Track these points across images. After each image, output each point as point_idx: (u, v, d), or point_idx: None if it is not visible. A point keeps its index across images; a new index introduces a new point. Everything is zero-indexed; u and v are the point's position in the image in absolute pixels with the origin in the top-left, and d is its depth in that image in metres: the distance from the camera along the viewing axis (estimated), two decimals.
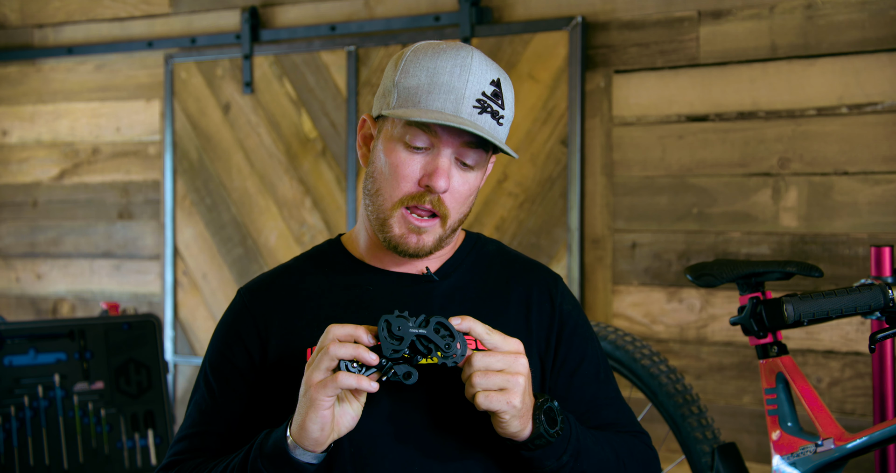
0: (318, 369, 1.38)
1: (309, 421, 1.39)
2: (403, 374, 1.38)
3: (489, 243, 1.70)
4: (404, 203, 1.52)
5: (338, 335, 1.39)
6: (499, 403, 1.39)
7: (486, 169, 1.59)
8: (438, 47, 1.54)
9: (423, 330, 1.38)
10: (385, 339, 1.37)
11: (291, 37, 3.56)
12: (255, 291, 1.64)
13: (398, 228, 1.53)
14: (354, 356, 1.36)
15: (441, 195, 1.51)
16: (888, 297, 1.89)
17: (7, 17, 4.18)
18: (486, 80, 1.52)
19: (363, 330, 1.39)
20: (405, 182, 1.52)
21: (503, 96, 1.54)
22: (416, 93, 1.50)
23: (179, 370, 3.80)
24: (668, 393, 2.31)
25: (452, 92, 1.50)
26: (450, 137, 1.50)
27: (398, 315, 1.38)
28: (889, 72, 2.66)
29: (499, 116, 1.52)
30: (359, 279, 1.61)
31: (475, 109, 1.50)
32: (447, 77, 1.50)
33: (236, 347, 1.59)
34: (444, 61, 1.51)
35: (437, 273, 1.61)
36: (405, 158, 1.52)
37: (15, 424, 2.71)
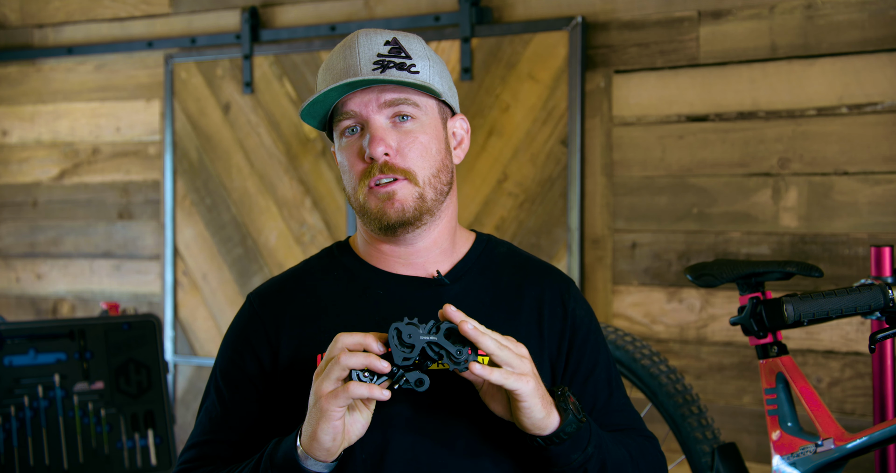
0: (329, 379, 1.36)
1: (320, 432, 1.37)
2: (415, 381, 1.37)
3: (500, 245, 1.69)
4: (364, 183, 1.53)
5: (347, 343, 1.37)
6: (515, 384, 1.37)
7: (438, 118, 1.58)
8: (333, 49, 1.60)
9: (434, 337, 1.37)
10: (396, 347, 1.36)
11: (291, 37, 3.56)
12: (264, 296, 1.63)
13: (372, 203, 1.54)
14: (366, 365, 1.35)
15: (389, 160, 1.52)
16: (888, 297, 1.89)
17: (7, 17, 4.18)
18: (378, 43, 1.54)
19: (373, 338, 1.37)
20: (354, 165, 1.54)
21: (406, 49, 1.55)
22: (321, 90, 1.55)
23: (179, 370, 3.80)
24: (668, 393, 2.31)
25: (349, 69, 1.53)
26: (364, 106, 1.52)
27: (408, 323, 1.37)
28: (889, 72, 2.66)
29: (407, 66, 1.54)
30: (369, 283, 1.60)
31: (375, 69, 1.52)
32: (341, 62, 1.54)
33: (246, 353, 1.59)
34: (335, 54, 1.57)
35: (447, 276, 1.60)
36: (347, 146, 1.55)
37: (15, 424, 2.71)
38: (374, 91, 1.52)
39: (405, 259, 1.60)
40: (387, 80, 1.50)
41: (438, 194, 1.56)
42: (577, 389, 1.60)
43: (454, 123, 1.63)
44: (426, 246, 1.60)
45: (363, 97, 1.52)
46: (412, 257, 1.60)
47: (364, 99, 1.52)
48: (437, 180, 1.55)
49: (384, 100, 1.53)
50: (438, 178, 1.56)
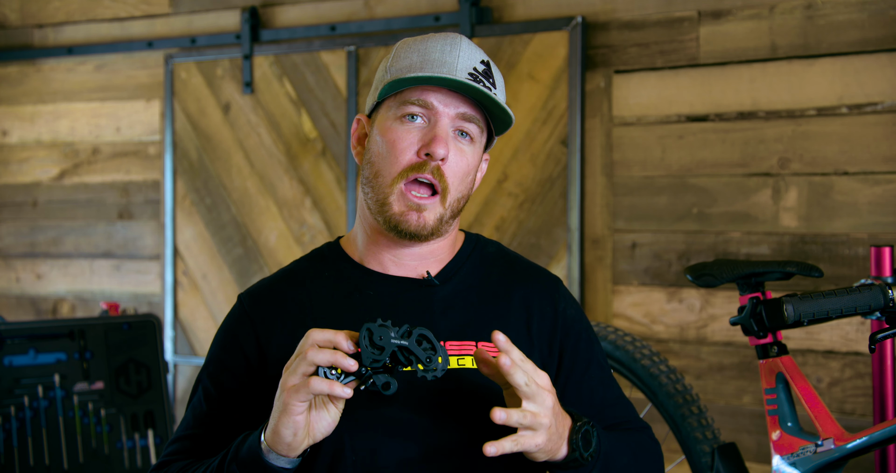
0: (295, 373, 1.36)
1: (281, 426, 1.37)
2: (382, 384, 1.35)
3: (489, 245, 1.70)
4: (404, 176, 1.51)
5: (317, 340, 1.36)
6: (527, 445, 1.37)
7: (482, 150, 1.59)
8: (426, 35, 1.58)
9: (405, 341, 1.35)
10: (366, 348, 1.34)
11: (291, 37, 3.56)
12: (255, 296, 1.63)
13: (397, 205, 1.52)
14: (332, 361, 1.34)
15: (441, 166, 1.51)
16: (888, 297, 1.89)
17: (7, 17, 4.18)
18: (477, 58, 1.55)
19: (343, 336, 1.36)
20: (404, 154, 1.52)
21: (494, 77, 1.56)
22: (408, 70, 1.53)
23: (179, 370, 3.80)
24: (668, 393, 2.31)
25: (445, 65, 1.52)
26: (445, 106, 1.51)
27: (381, 325, 1.35)
28: (889, 72, 2.66)
29: (493, 92, 1.54)
30: (359, 284, 1.59)
31: (469, 80, 1.51)
32: (438, 54, 1.53)
33: (234, 352, 1.59)
34: (434, 42, 1.55)
35: (437, 277, 1.60)
36: (402, 131, 1.52)
37: (15, 424, 2.71)
38: (458, 98, 1.52)
39: (399, 259, 1.60)
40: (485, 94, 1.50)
41: (452, 217, 1.57)
42: (574, 388, 1.61)
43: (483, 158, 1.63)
44: (423, 253, 1.60)
45: (447, 97, 1.52)
46: (406, 259, 1.60)
47: (447, 99, 1.52)
48: (457, 203, 1.56)
49: (462, 111, 1.52)
50: (459, 203, 1.57)
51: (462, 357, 1.54)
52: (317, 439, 1.40)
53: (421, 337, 1.37)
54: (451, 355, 1.54)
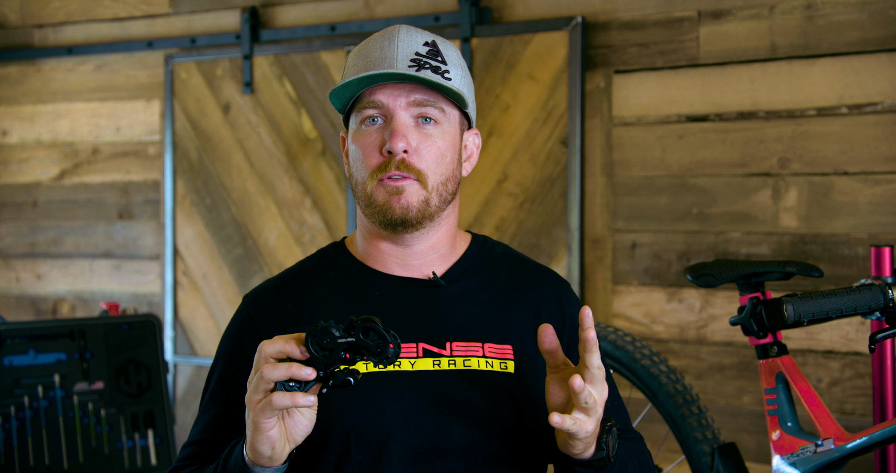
0: (257, 391, 1.34)
1: (257, 443, 1.36)
2: (343, 382, 1.34)
3: (496, 246, 1.69)
4: (375, 177, 1.53)
5: (269, 353, 1.35)
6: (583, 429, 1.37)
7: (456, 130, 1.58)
8: (370, 36, 1.60)
9: (351, 338, 1.33)
10: (315, 354, 1.32)
11: (291, 37, 3.56)
12: (259, 298, 1.63)
13: (380, 195, 1.53)
14: (288, 376, 1.32)
15: (406, 158, 1.52)
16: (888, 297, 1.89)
17: (7, 17, 4.18)
18: (418, 42, 1.55)
19: (294, 344, 1.34)
20: (369, 157, 1.54)
21: (443, 54, 1.56)
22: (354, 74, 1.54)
23: (179, 370, 3.80)
24: (668, 393, 2.31)
25: (385, 61, 1.52)
26: (394, 99, 1.52)
27: (322, 327, 1.33)
28: (889, 72, 2.66)
29: (442, 71, 1.54)
30: (364, 285, 1.59)
31: (411, 67, 1.52)
32: (378, 52, 1.54)
33: (240, 356, 1.59)
34: (372, 42, 1.56)
35: (443, 278, 1.60)
36: (365, 135, 1.55)
37: (15, 424, 2.71)
38: (406, 87, 1.53)
39: (402, 260, 1.60)
40: (423, 79, 1.50)
41: (442, 202, 1.56)
42: None
43: (468, 136, 1.63)
44: (423, 250, 1.60)
45: (394, 90, 1.53)
46: (409, 259, 1.60)
47: (394, 92, 1.52)
48: (444, 187, 1.55)
49: (413, 98, 1.53)
50: (446, 186, 1.56)
51: (468, 358, 1.54)
52: (297, 442, 1.39)
53: (367, 329, 1.34)
54: (458, 356, 1.54)
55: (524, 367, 1.56)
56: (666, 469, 2.67)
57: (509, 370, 1.55)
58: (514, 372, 1.55)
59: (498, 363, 1.55)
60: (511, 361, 1.56)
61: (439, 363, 1.53)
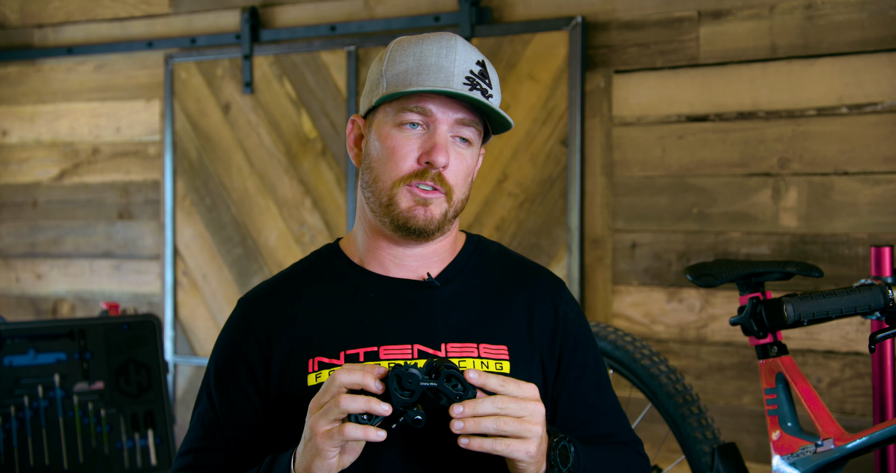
0: (326, 418, 1.35)
1: (315, 468, 1.37)
2: (413, 420, 1.36)
3: (490, 246, 1.69)
4: (406, 181, 1.52)
5: (344, 383, 1.36)
6: (517, 452, 1.37)
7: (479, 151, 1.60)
8: (421, 36, 1.57)
9: (434, 383, 1.36)
10: (395, 391, 1.35)
11: (291, 37, 3.56)
12: (254, 301, 1.62)
13: (404, 202, 1.52)
14: (365, 410, 1.34)
15: (442, 171, 1.52)
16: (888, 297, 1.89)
17: (7, 17, 4.18)
18: (472, 60, 1.55)
19: (371, 378, 1.35)
20: (404, 161, 1.52)
21: (490, 77, 1.56)
22: (405, 76, 1.53)
23: (179, 370, 3.80)
24: (668, 393, 2.31)
25: (441, 71, 1.52)
26: (443, 113, 1.52)
27: (408, 369, 1.35)
28: (889, 72, 2.66)
29: (488, 95, 1.54)
30: (359, 286, 1.59)
31: (465, 85, 1.52)
32: (434, 58, 1.52)
33: (237, 360, 1.58)
34: (429, 45, 1.54)
35: (438, 278, 1.60)
36: (401, 139, 1.53)
37: (15, 424, 2.71)
38: (456, 103, 1.53)
39: (400, 261, 1.59)
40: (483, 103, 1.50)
41: (454, 216, 1.57)
42: (568, 392, 1.60)
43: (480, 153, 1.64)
44: (425, 253, 1.60)
45: (445, 103, 1.52)
46: (408, 260, 1.59)
47: (446, 105, 1.52)
48: (461, 204, 1.57)
49: (460, 117, 1.53)
50: (463, 203, 1.58)
51: (464, 359, 1.54)
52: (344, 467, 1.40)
53: (449, 376, 1.37)
54: (453, 357, 1.54)
55: (519, 367, 1.56)
56: (666, 469, 2.67)
57: (504, 370, 1.55)
58: (510, 372, 1.55)
59: (493, 364, 1.55)
60: (506, 361, 1.56)
61: None
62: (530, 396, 1.39)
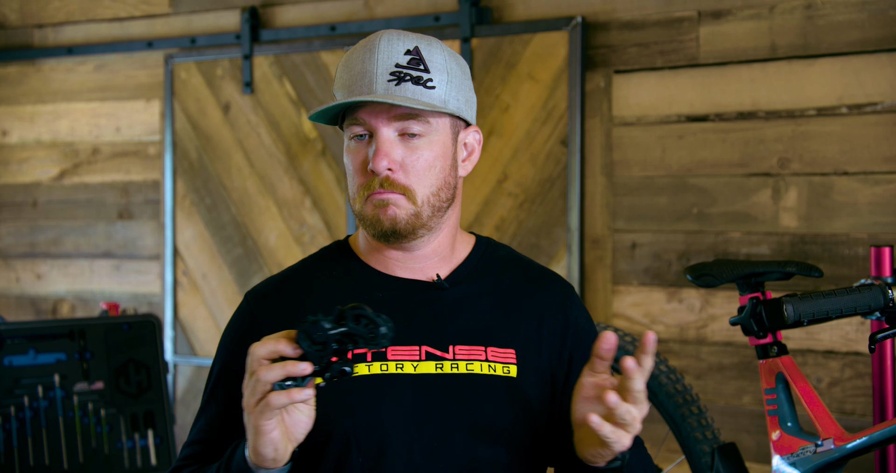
0: (254, 394, 1.33)
1: (259, 446, 1.35)
2: (339, 372, 1.33)
3: (499, 249, 1.68)
4: (363, 194, 1.53)
5: (261, 354, 1.34)
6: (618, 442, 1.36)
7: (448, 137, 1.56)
8: (356, 44, 1.57)
9: (344, 328, 1.32)
10: (308, 349, 1.32)
11: (291, 37, 3.56)
12: (261, 296, 1.62)
13: (369, 209, 1.52)
14: (284, 374, 1.32)
15: (390, 175, 1.50)
16: (888, 297, 1.89)
17: (7, 17, 4.18)
18: (399, 52, 1.52)
19: (285, 343, 1.33)
20: (358, 174, 1.54)
21: (425, 61, 1.53)
22: (341, 92, 1.54)
23: (179, 370, 3.80)
24: (668, 393, 2.31)
25: (365, 76, 1.51)
26: (375, 117, 1.51)
27: (312, 321, 1.32)
28: (889, 72, 2.66)
29: (423, 81, 1.52)
30: (367, 286, 1.59)
31: (391, 82, 1.50)
32: (360, 65, 1.52)
33: (242, 353, 1.57)
34: (356, 53, 1.54)
35: (446, 280, 1.59)
36: (353, 152, 1.54)
37: (15, 424, 2.71)
38: (386, 104, 1.51)
39: (404, 263, 1.59)
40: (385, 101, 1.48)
41: (436, 211, 1.55)
42: None
43: (466, 134, 1.61)
44: (425, 254, 1.59)
45: (374, 108, 1.51)
46: (411, 262, 1.59)
47: (375, 110, 1.51)
48: (436, 197, 1.54)
49: (394, 114, 1.51)
50: (438, 196, 1.54)
51: (471, 362, 1.54)
52: (299, 440, 1.38)
53: (357, 316, 1.33)
54: (461, 359, 1.53)
55: (527, 371, 1.56)
56: (666, 469, 2.67)
57: (512, 374, 1.54)
58: (517, 377, 1.55)
59: (500, 368, 1.54)
60: (514, 365, 1.55)
61: (442, 367, 1.53)
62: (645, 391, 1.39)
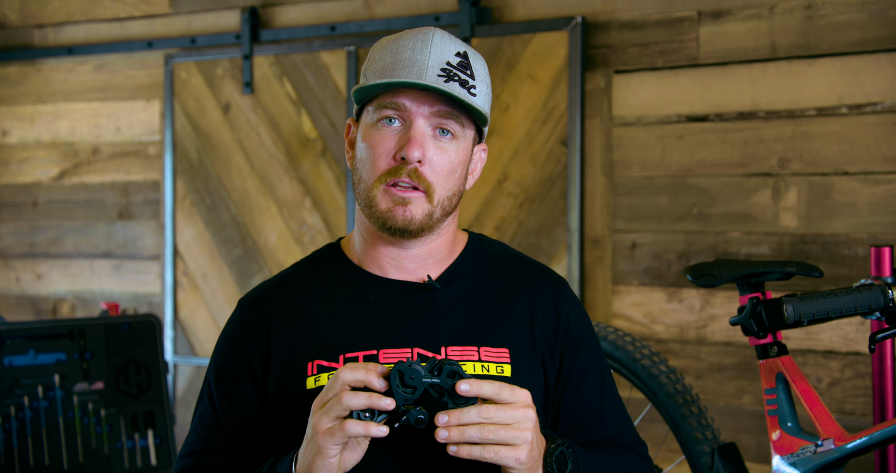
0: (328, 416, 1.35)
1: (316, 468, 1.36)
2: (416, 420, 1.35)
3: (493, 246, 1.68)
4: (383, 180, 1.50)
5: (348, 380, 1.35)
6: (507, 459, 1.35)
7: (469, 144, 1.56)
8: (401, 32, 1.56)
9: (437, 379, 1.35)
10: (397, 388, 1.34)
11: (291, 37, 3.56)
12: (254, 302, 1.62)
13: (383, 203, 1.51)
14: (368, 405, 1.33)
15: (419, 167, 1.49)
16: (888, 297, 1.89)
17: (7, 17, 4.18)
18: (451, 51, 1.52)
19: (374, 375, 1.34)
20: (381, 159, 1.51)
21: (472, 68, 1.53)
22: (381, 73, 1.52)
23: (179, 370, 3.80)
24: (668, 393, 2.31)
25: (415, 64, 1.49)
26: (418, 106, 1.49)
27: (410, 364, 1.35)
28: (889, 72, 2.66)
29: (469, 85, 1.51)
30: (359, 288, 1.58)
31: (440, 77, 1.49)
32: (409, 53, 1.50)
33: (237, 361, 1.58)
34: (405, 40, 1.52)
35: (438, 280, 1.58)
36: (379, 137, 1.51)
37: (15, 424, 2.71)
38: (431, 96, 1.50)
39: (398, 262, 1.58)
40: (451, 94, 1.47)
41: (444, 215, 1.55)
42: (570, 394, 1.59)
43: (478, 150, 1.61)
44: (421, 254, 1.59)
45: (419, 96, 1.50)
46: (406, 262, 1.58)
47: (419, 99, 1.50)
48: (448, 202, 1.54)
49: (437, 109, 1.50)
50: (451, 200, 1.55)
51: (464, 363, 1.53)
52: (346, 469, 1.39)
53: (452, 372, 1.36)
54: None
55: (521, 370, 1.55)
56: (666, 469, 2.67)
57: (506, 373, 1.54)
58: (511, 376, 1.54)
59: (494, 367, 1.54)
60: (507, 364, 1.55)
61: None
62: (521, 402, 1.37)
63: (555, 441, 1.44)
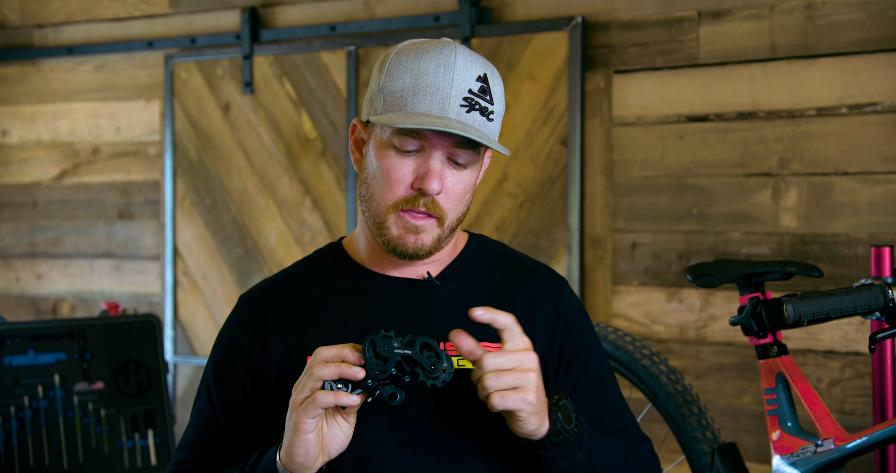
0: (303, 390, 1.37)
1: (293, 446, 1.37)
2: (389, 395, 1.36)
3: (493, 246, 1.69)
4: (399, 207, 1.50)
5: (324, 356, 1.37)
6: (514, 401, 1.37)
7: (480, 166, 1.57)
8: (422, 47, 1.51)
9: (409, 351, 1.36)
10: (370, 360, 1.35)
11: (291, 37, 3.56)
12: (255, 298, 1.63)
13: (395, 229, 1.51)
14: (337, 373, 1.34)
15: (435, 197, 1.50)
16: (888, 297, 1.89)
17: (7, 17, 4.18)
18: (473, 76, 1.50)
19: (349, 350, 1.37)
20: (398, 186, 1.50)
21: (491, 91, 1.51)
22: (401, 96, 1.49)
23: (179, 370, 3.80)
24: (668, 393, 2.31)
25: (438, 93, 1.47)
26: (439, 139, 1.48)
27: (383, 335, 1.36)
28: (889, 72, 2.66)
29: (488, 112, 1.50)
30: (359, 286, 1.59)
31: (462, 108, 1.48)
32: (431, 78, 1.48)
33: (236, 356, 1.58)
34: (427, 61, 1.49)
35: (438, 278, 1.59)
36: (396, 162, 1.50)
37: (15, 424, 2.71)
38: None
39: (398, 262, 1.59)
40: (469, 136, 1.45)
41: (451, 233, 1.56)
42: (570, 390, 1.60)
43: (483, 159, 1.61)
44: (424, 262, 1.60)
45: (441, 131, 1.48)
46: (408, 263, 1.59)
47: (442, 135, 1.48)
48: (457, 222, 1.55)
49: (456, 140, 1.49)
50: (459, 220, 1.56)
51: (462, 358, 1.54)
52: (332, 456, 1.40)
53: (424, 345, 1.37)
54: (453, 356, 1.53)
55: None
56: (666, 469, 2.67)
57: None
58: None
59: None
60: None
61: None
62: (524, 346, 1.41)
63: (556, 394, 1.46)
